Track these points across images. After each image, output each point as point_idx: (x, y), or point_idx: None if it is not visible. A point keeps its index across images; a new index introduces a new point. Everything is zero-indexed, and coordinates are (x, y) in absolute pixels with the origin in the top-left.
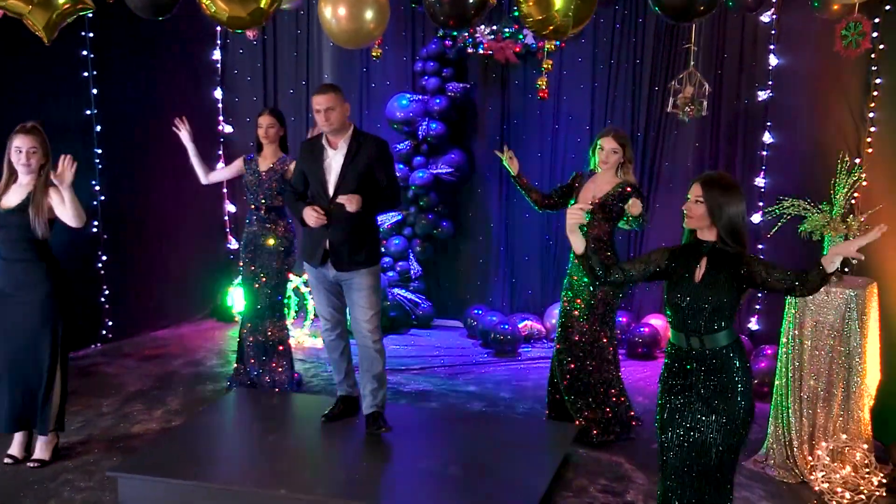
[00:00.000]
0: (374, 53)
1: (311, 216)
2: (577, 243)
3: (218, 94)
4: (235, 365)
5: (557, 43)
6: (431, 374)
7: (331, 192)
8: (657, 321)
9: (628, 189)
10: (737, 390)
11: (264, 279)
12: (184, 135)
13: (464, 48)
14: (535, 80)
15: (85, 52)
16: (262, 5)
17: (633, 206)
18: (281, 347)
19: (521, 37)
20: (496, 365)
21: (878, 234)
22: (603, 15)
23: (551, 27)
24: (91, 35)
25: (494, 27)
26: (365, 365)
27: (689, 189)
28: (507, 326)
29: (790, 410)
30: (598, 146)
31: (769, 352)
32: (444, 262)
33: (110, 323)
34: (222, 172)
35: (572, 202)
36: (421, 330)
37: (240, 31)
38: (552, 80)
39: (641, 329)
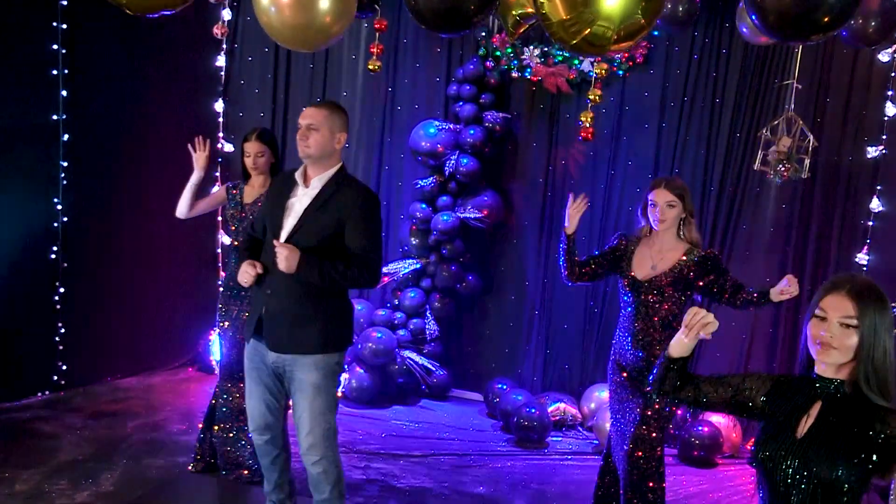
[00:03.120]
0: (370, 66)
1: (242, 270)
2: (680, 345)
3: (219, 106)
4: (201, 434)
5: (621, 71)
6: (435, 463)
7: (282, 241)
8: (719, 418)
9: (709, 263)
10: None
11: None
12: (200, 159)
13: (507, 71)
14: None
15: (55, 46)
16: None
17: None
18: None
19: (576, 62)
20: (516, 458)
21: None
22: (678, 42)
23: (583, 33)
24: (64, 27)
25: (545, 49)
26: (309, 484)
27: (823, 299)
28: (533, 410)
29: None
30: (648, 202)
31: None
32: (466, 323)
33: (64, 367)
34: (201, 204)
35: (623, 276)
36: (434, 402)
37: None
38: (611, 115)
39: (699, 428)
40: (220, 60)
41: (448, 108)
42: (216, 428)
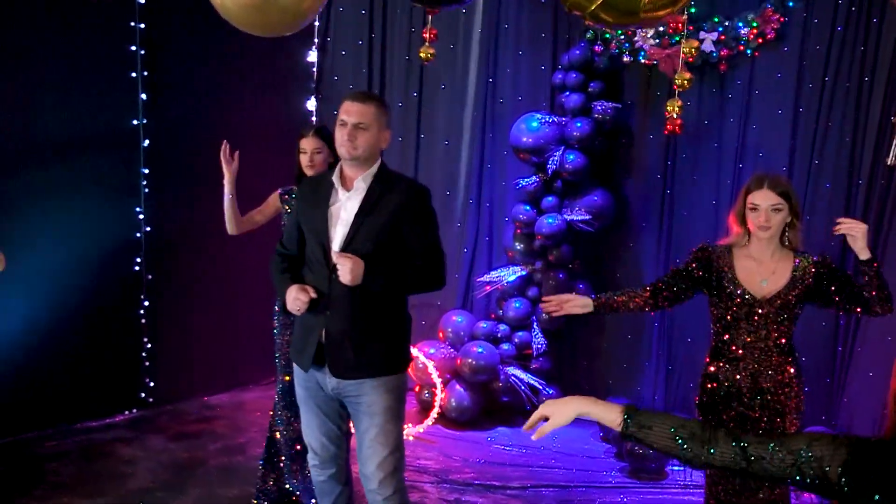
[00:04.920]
0: (422, 54)
1: (293, 297)
2: (606, 416)
3: (311, 104)
4: (261, 469)
5: (749, 50)
6: (535, 496)
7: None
8: None
9: (822, 268)
10: None
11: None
12: (231, 170)
13: (618, 56)
14: (713, 102)
15: (134, 48)
16: None
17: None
18: None
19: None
20: (629, 491)
21: None
22: (818, 13)
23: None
24: (143, 27)
25: (660, 28)
26: None
27: None
28: None
29: None
30: (748, 205)
31: None
32: (579, 336)
33: (151, 384)
34: (254, 216)
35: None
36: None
37: None
38: (739, 100)
39: None
40: (312, 56)
41: (554, 99)
42: (281, 463)
